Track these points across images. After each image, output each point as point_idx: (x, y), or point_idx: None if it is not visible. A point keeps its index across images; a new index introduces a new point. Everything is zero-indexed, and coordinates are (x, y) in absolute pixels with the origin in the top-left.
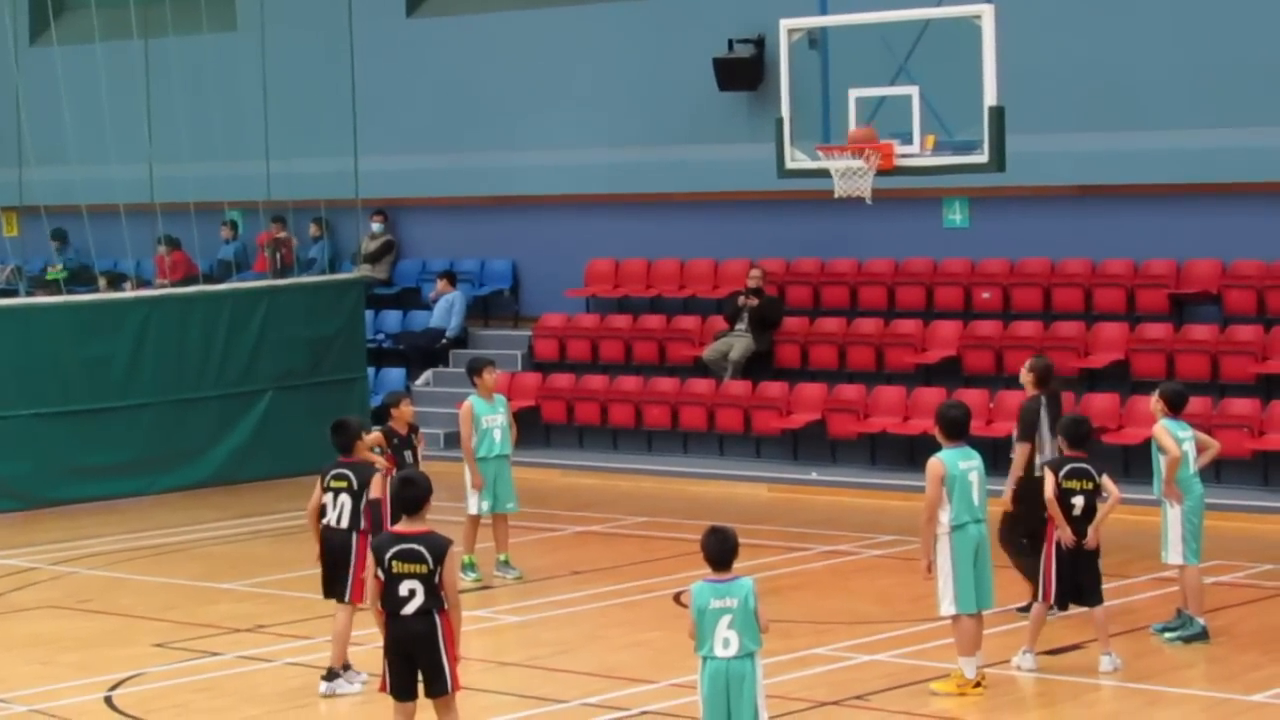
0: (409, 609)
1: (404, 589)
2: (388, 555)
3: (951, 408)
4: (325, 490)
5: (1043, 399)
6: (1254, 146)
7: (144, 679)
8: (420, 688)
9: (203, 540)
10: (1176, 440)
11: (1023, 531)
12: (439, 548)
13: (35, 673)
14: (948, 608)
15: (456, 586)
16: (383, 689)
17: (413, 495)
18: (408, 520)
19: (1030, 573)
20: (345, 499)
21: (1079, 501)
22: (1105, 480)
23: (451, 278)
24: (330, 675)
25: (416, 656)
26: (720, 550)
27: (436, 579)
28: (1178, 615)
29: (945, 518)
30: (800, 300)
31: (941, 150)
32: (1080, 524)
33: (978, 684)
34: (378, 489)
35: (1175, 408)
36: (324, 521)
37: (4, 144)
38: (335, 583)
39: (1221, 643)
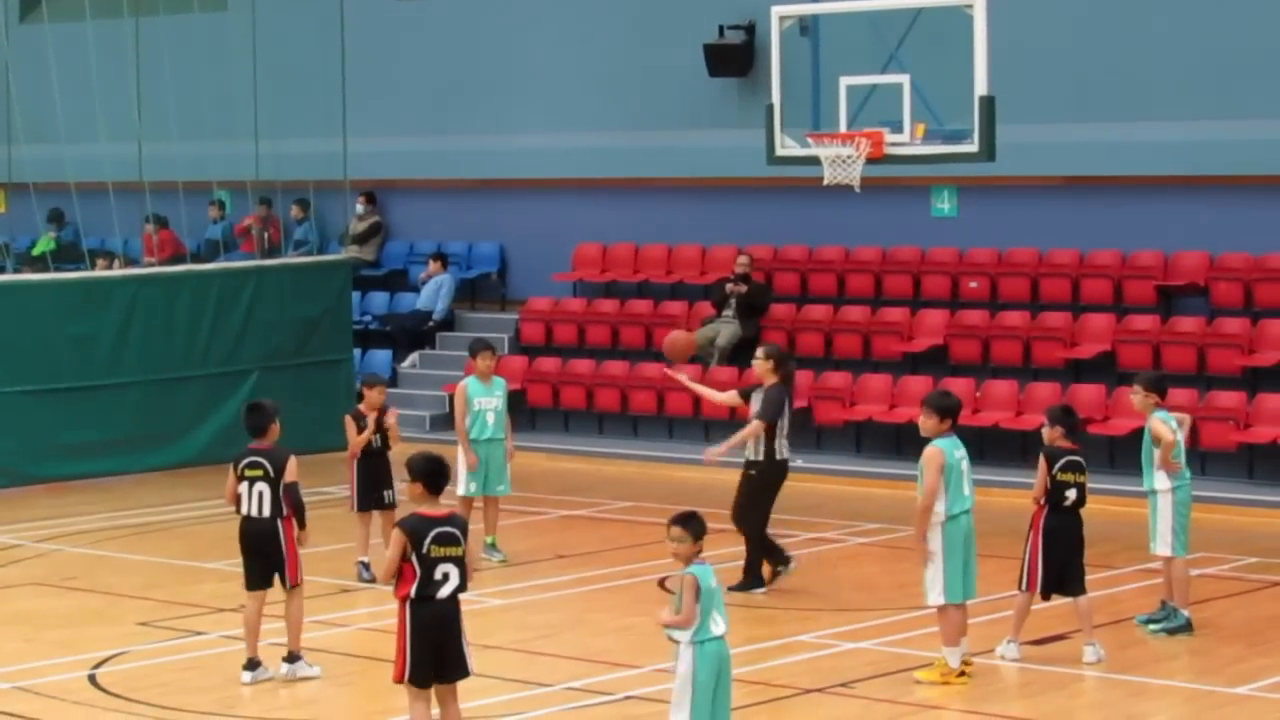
0: (444, 592)
1: (439, 573)
2: (427, 539)
3: (946, 396)
4: (240, 479)
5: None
6: (1244, 139)
7: (128, 657)
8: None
9: (188, 519)
10: (1172, 429)
11: (764, 511)
12: (465, 526)
13: (18, 650)
14: (936, 597)
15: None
16: (399, 679)
17: (445, 475)
18: (430, 501)
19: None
20: (262, 486)
21: (1072, 494)
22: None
23: (443, 259)
24: (291, 658)
25: (443, 641)
26: (703, 531)
27: (466, 560)
28: (1162, 607)
29: (940, 507)
30: (787, 287)
31: (931, 139)
32: (1070, 516)
33: (962, 673)
34: (293, 473)
35: (1165, 396)
36: (243, 512)
37: None
38: (270, 571)
39: (1205, 635)
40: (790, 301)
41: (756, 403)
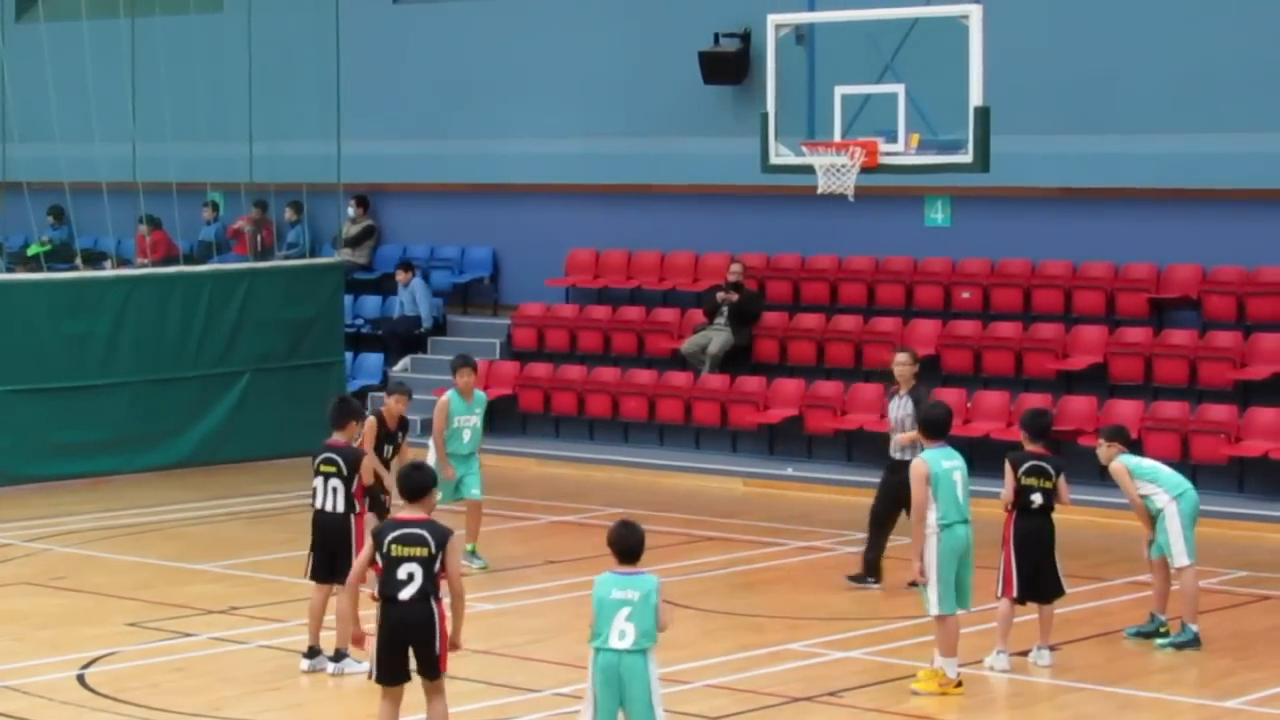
0: (406, 593)
1: (403, 572)
2: (388, 539)
3: (933, 408)
4: (315, 474)
5: None
6: (1236, 152)
7: (117, 658)
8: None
9: (178, 520)
10: (1129, 474)
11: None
12: (441, 534)
13: (8, 649)
14: (934, 608)
15: (459, 574)
16: (370, 676)
17: (418, 482)
18: (410, 507)
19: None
20: (336, 483)
21: (1038, 498)
22: (1061, 483)
23: (411, 267)
24: (338, 656)
25: (412, 643)
26: (627, 543)
27: (437, 565)
28: (1151, 619)
29: (932, 517)
30: (780, 295)
31: (926, 149)
32: (1039, 519)
33: (959, 684)
34: (369, 474)
35: (1128, 443)
36: (317, 506)
37: None
38: (336, 567)
39: (1195, 648)
40: (783, 310)
41: (904, 407)
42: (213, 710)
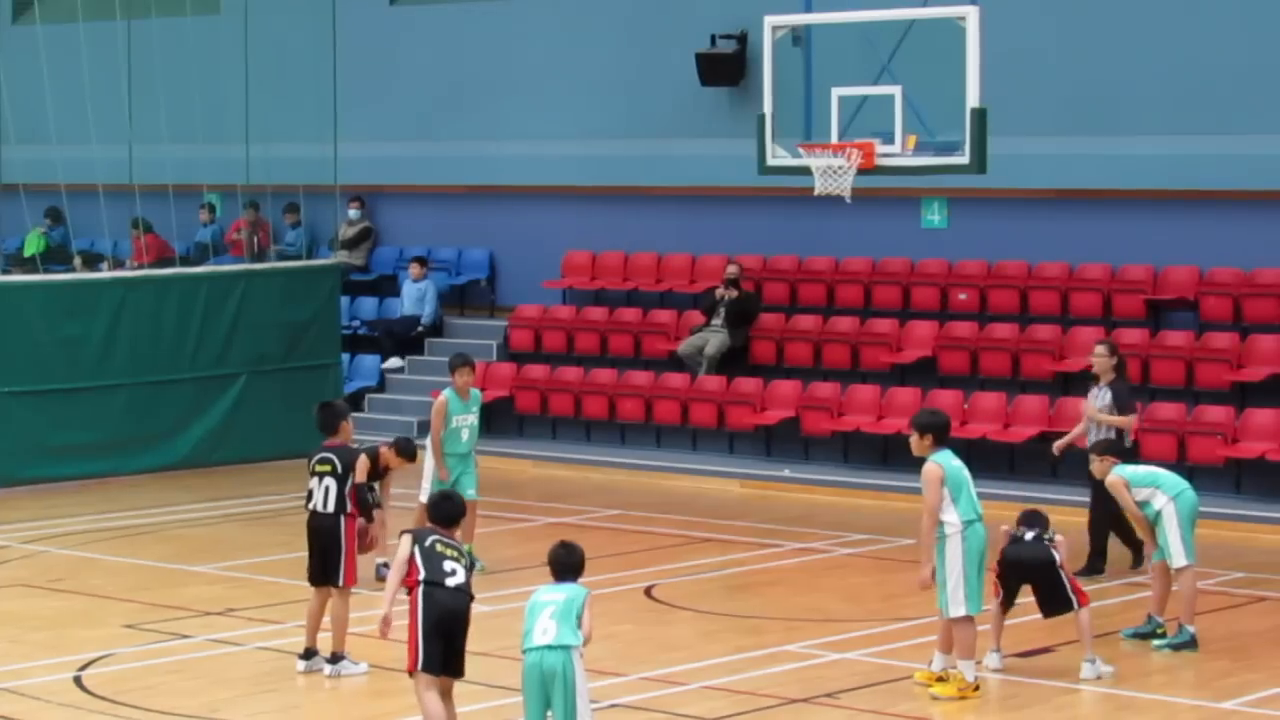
0: (452, 581)
1: (447, 565)
2: (430, 538)
3: (934, 414)
4: (310, 474)
5: None
6: (1233, 154)
7: (113, 660)
8: None
9: (174, 522)
10: (1128, 487)
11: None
12: (471, 557)
13: (4, 651)
14: (958, 609)
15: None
16: (412, 669)
17: (447, 512)
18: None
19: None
20: (330, 483)
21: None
22: None
23: (425, 263)
24: (335, 658)
25: (454, 632)
26: (564, 562)
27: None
28: (1148, 620)
29: (954, 517)
30: (777, 297)
31: (923, 151)
32: (1031, 518)
33: (977, 687)
34: (363, 473)
35: (1122, 456)
36: (309, 506)
37: None
38: (327, 569)
39: (1192, 649)
40: (779, 311)
41: (1102, 398)
42: (210, 712)
